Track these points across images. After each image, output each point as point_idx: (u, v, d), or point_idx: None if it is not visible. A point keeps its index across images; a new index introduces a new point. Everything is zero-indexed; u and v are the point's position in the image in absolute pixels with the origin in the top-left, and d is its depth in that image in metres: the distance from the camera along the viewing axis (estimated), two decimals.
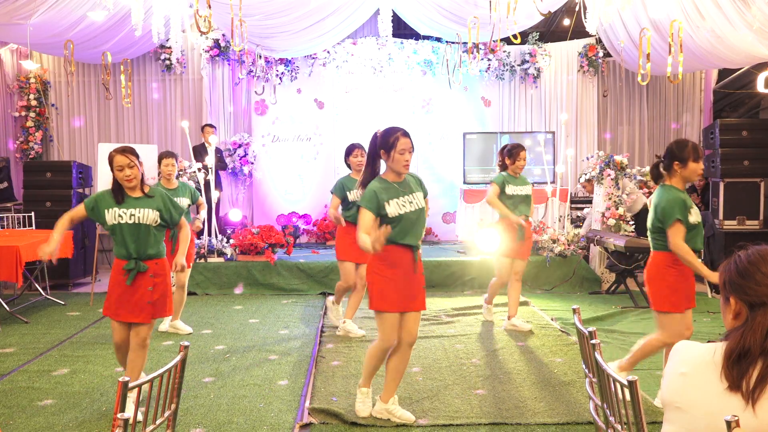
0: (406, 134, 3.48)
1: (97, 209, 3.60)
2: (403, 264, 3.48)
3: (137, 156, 3.63)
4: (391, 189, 3.46)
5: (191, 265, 5.82)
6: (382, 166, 3.59)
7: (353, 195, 5.25)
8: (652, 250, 3.84)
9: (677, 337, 3.56)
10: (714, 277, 3.47)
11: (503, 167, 5.57)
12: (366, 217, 3.39)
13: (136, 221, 3.60)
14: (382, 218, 3.43)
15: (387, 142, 3.46)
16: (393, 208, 3.42)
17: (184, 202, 5.39)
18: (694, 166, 3.68)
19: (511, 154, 5.48)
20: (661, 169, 3.79)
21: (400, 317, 3.53)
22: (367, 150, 3.60)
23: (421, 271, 3.57)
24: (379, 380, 4.02)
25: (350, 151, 5.37)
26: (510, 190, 5.48)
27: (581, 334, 2.47)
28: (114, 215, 3.57)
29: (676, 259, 3.66)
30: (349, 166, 5.41)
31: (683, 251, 3.61)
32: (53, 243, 3.55)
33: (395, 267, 3.47)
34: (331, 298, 5.84)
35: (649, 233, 3.84)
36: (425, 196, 3.63)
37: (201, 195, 5.71)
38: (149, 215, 3.62)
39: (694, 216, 3.69)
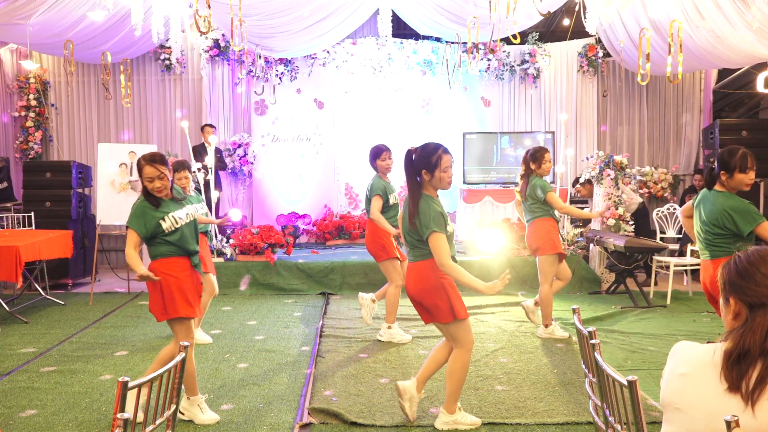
0: (446, 151, 3.43)
1: (150, 226, 3.48)
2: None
3: (166, 164, 3.57)
4: (441, 208, 3.45)
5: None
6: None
7: (393, 198, 5.17)
8: (709, 259, 3.78)
9: None
10: None
11: (529, 172, 5.30)
12: (444, 241, 3.33)
13: (191, 219, 3.65)
14: None
15: (429, 161, 3.37)
16: (449, 227, 3.43)
17: (201, 209, 5.30)
18: (741, 177, 3.65)
19: (535, 157, 5.23)
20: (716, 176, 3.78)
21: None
22: (404, 166, 3.48)
23: None
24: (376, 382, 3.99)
25: (378, 153, 5.19)
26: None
27: (581, 334, 2.47)
28: (172, 221, 3.52)
29: None
30: (375, 168, 5.23)
31: None
32: (144, 272, 3.37)
33: (447, 277, 3.45)
34: (385, 326, 5.30)
35: (704, 243, 3.79)
36: None
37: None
38: (199, 211, 3.71)
39: None
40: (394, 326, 5.28)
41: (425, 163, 3.38)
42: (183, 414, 3.66)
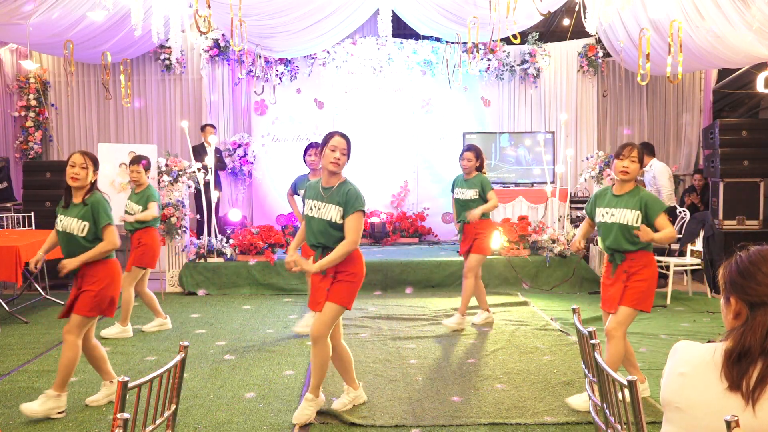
0: (342, 135, 3.61)
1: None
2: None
3: (96, 164, 3.75)
4: (316, 190, 3.62)
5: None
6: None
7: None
8: None
9: None
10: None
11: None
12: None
13: (64, 229, 3.70)
14: None
15: (324, 140, 3.60)
16: (306, 208, 3.65)
17: (134, 206, 5.44)
18: (616, 163, 3.90)
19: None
20: None
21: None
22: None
23: (329, 274, 3.58)
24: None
25: (306, 150, 5.50)
26: (456, 192, 5.75)
27: (581, 334, 2.47)
28: (57, 221, 3.76)
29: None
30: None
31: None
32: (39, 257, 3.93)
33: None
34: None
35: None
36: (345, 215, 3.51)
37: (156, 200, 5.48)
38: (73, 225, 3.69)
39: (599, 217, 3.92)
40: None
41: (323, 142, 3.63)
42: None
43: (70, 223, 3.68)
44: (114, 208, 7.12)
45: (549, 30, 10.30)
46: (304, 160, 5.50)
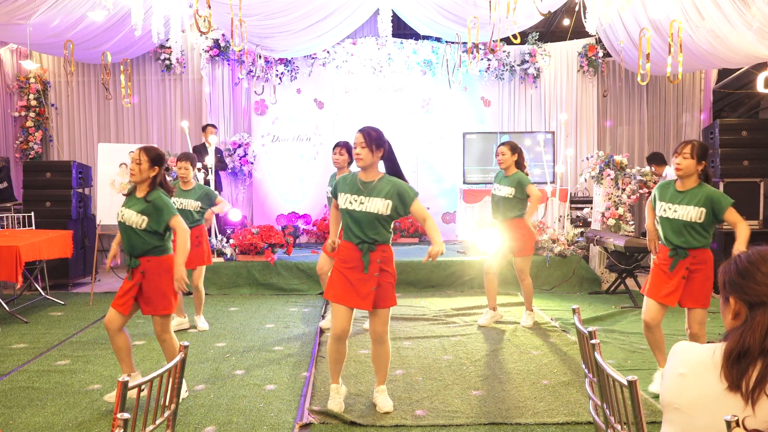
0: (360, 130, 3.60)
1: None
2: (352, 261, 3.60)
3: (159, 160, 3.75)
4: (352, 184, 3.61)
5: (210, 262, 5.83)
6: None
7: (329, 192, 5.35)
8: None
9: None
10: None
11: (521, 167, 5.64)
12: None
13: (124, 221, 3.73)
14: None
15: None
16: (341, 201, 3.60)
17: (192, 204, 5.44)
18: (672, 159, 3.90)
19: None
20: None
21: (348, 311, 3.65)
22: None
23: (373, 272, 3.57)
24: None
25: (333, 148, 5.43)
26: (494, 187, 5.78)
27: (581, 334, 2.47)
28: (118, 212, 3.80)
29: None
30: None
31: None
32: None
33: (345, 262, 3.62)
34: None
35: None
36: (406, 212, 3.68)
37: (217, 195, 5.68)
38: (132, 218, 3.69)
39: (660, 211, 3.97)
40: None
41: None
42: None
43: (129, 216, 3.71)
44: (113, 208, 7.15)
45: (549, 30, 10.30)
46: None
